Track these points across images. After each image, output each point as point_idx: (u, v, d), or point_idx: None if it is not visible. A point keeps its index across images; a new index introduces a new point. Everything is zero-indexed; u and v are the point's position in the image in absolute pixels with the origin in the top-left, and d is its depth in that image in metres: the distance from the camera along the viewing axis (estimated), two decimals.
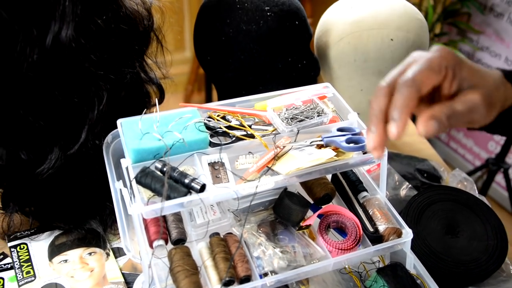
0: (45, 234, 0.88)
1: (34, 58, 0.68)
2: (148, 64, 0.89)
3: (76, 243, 0.87)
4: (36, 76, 0.70)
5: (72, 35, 0.69)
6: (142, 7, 0.83)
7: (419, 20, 1.04)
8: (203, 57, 1.06)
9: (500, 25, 2.28)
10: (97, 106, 0.76)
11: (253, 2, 0.98)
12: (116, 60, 0.77)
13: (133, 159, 0.72)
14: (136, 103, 0.85)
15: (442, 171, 1.08)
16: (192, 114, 0.77)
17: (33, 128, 0.74)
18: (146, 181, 0.68)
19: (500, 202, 2.43)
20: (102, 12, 0.73)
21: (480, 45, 2.38)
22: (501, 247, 0.81)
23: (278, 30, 0.98)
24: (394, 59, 1.02)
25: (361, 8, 1.04)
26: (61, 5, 0.68)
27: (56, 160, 0.76)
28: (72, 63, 0.72)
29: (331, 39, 1.06)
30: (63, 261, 0.84)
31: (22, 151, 0.75)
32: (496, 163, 2.10)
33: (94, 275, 0.82)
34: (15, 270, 0.82)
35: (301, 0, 2.43)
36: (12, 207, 0.83)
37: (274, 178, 0.71)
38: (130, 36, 0.79)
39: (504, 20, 2.27)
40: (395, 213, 0.77)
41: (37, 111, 0.73)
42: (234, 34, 0.98)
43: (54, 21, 0.68)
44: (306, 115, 0.80)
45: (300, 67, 1.03)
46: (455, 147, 2.66)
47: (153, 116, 0.76)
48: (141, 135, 0.73)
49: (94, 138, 0.78)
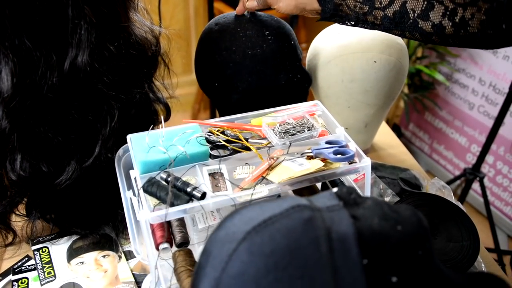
0: (64, 238, 0.88)
1: (54, 81, 0.69)
2: (156, 85, 0.89)
3: (91, 246, 0.87)
4: (55, 97, 0.70)
5: (87, 60, 0.69)
6: (150, 34, 0.83)
7: (399, 45, 1.04)
8: (210, 84, 1.04)
9: (474, 50, 2.28)
10: (109, 123, 0.76)
11: (254, 29, 0.98)
12: (126, 82, 0.77)
13: (140, 170, 0.71)
14: (145, 120, 0.85)
15: (422, 180, 1.07)
16: (194, 130, 0.77)
17: (53, 143, 0.74)
18: (152, 190, 0.67)
19: (477, 208, 2.41)
20: (114, 39, 0.73)
21: (457, 67, 2.38)
22: (474, 247, 0.80)
23: (279, 50, 0.98)
24: (378, 79, 1.02)
25: (348, 34, 1.04)
26: (77, 34, 0.68)
27: (73, 172, 0.76)
28: (87, 85, 0.72)
29: (321, 62, 1.06)
30: (80, 263, 0.84)
31: (43, 164, 0.75)
32: (473, 173, 2.08)
33: (108, 275, 0.82)
34: (37, 270, 0.82)
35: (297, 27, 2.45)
36: (35, 214, 0.83)
37: (268, 187, 0.70)
38: (139, 60, 0.79)
39: None
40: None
41: (56, 128, 0.73)
42: (241, 59, 0.97)
43: (71, 48, 0.69)
44: (298, 130, 0.80)
45: (296, 81, 1.03)
46: (437, 158, 2.64)
47: (159, 132, 0.76)
48: (148, 148, 0.73)
49: (107, 152, 0.78)
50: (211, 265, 0.42)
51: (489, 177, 2.34)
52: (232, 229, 0.43)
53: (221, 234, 0.44)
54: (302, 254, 0.40)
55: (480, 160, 2.03)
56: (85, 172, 0.77)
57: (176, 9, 2.56)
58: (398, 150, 1.26)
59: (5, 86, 0.67)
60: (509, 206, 2.28)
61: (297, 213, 0.43)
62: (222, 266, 0.41)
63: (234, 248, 0.41)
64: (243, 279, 0.40)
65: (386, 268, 0.41)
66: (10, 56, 0.65)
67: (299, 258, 0.40)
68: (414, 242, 0.44)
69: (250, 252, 0.40)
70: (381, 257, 0.41)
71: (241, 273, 0.40)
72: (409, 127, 2.80)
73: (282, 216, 0.43)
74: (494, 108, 2.22)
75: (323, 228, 0.42)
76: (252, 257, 0.40)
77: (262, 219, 0.42)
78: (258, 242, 0.41)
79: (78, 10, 0.67)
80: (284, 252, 0.40)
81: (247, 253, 0.41)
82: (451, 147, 2.54)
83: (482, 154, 2.00)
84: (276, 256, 0.40)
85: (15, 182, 0.75)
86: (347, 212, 0.44)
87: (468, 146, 2.43)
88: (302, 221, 0.42)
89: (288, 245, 0.40)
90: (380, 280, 0.40)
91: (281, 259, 0.40)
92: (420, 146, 2.75)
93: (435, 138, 2.63)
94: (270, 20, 1.01)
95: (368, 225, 0.43)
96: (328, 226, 0.42)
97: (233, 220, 0.44)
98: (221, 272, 0.41)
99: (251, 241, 0.41)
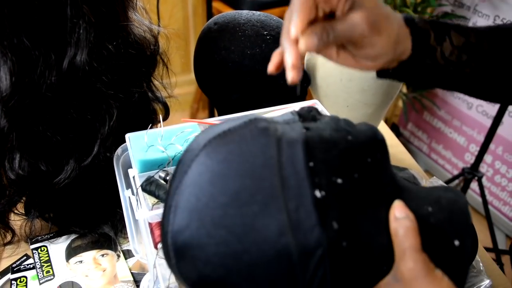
0: (63, 237, 0.88)
1: (52, 80, 0.69)
2: (154, 85, 0.89)
3: (90, 245, 0.87)
4: (54, 96, 0.70)
5: (86, 59, 0.69)
6: (149, 33, 0.83)
7: None
8: (209, 83, 1.04)
9: None
10: (108, 122, 0.76)
11: (253, 29, 0.98)
12: (125, 81, 0.77)
13: (139, 169, 0.71)
14: (143, 119, 0.85)
15: (421, 179, 1.08)
16: (193, 129, 0.77)
17: (51, 143, 0.74)
18: (151, 189, 0.67)
19: (475, 208, 2.42)
20: (113, 38, 0.73)
21: None
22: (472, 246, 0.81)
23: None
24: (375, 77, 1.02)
25: None
26: (76, 33, 0.69)
27: (72, 171, 0.76)
28: (85, 84, 0.72)
29: (319, 61, 1.06)
30: (79, 261, 0.84)
31: (41, 163, 0.75)
32: (471, 172, 2.09)
33: (106, 274, 0.82)
34: (36, 269, 0.82)
35: None
36: (34, 213, 0.83)
37: None
38: (138, 60, 0.79)
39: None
40: None
41: (54, 127, 0.73)
42: (240, 59, 0.97)
43: (70, 47, 0.69)
44: None
45: None
46: (435, 158, 2.65)
47: (158, 131, 0.76)
48: (146, 147, 0.73)
49: (106, 151, 0.78)
50: (177, 173, 0.46)
51: (487, 177, 2.34)
52: (196, 141, 0.48)
53: (188, 147, 0.48)
54: (253, 156, 0.44)
55: (479, 159, 2.04)
56: (84, 171, 0.77)
57: (175, 8, 2.56)
58: (397, 149, 1.26)
59: (3, 85, 0.67)
60: (507, 205, 2.29)
61: (253, 124, 0.46)
62: (185, 170, 0.45)
63: (196, 154, 0.46)
64: (200, 181, 0.44)
65: (331, 171, 0.44)
66: (8, 55, 0.65)
67: (249, 162, 0.44)
68: (363, 150, 0.47)
69: (208, 157, 0.45)
70: (327, 161, 0.44)
71: (199, 174, 0.44)
72: (407, 127, 2.80)
73: (241, 127, 0.46)
74: (493, 108, 2.22)
75: (274, 135, 0.45)
76: (209, 161, 0.44)
77: (222, 130, 0.46)
78: (215, 149, 0.45)
79: (77, 9, 0.67)
80: (237, 156, 0.44)
81: (205, 157, 0.45)
82: (450, 146, 2.55)
83: (480, 153, 2.01)
84: (229, 160, 0.44)
85: (13, 181, 0.75)
86: (301, 124, 0.47)
87: (466, 145, 2.44)
88: (256, 130, 0.46)
89: (241, 149, 0.45)
90: (325, 181, 0.43)
91: (234, 163, 0.44)
92: (418, 146, 2.76)
93: (434, 138, 2.64)
94: (269, 20, 1.01)
95: (318, 134, 0.46)
96: (280, 134, 0.45)
97: (199, 135, 0.49)
98: (183, 175, 0.45)
99: (210, 148, 0.45)
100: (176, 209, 0.45)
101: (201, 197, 0.44)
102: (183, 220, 0.44)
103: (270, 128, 0.46)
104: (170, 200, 0.46)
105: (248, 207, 0.42)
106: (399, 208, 0.46)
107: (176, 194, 0.45)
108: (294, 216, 0.42)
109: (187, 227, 0.44)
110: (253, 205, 0.42)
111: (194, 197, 0.44)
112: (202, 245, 0.43)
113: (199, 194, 0.44)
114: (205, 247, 0.43)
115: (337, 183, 0.43)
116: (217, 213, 0.43)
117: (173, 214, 0.45)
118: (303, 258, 0.42)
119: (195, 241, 0.43)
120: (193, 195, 0.44)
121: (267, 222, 0.42)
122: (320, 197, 0.42)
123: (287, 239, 0.41)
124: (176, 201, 0.45)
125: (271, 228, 0.42)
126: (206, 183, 0.44)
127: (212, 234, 0.43)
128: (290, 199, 0.42)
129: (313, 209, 0.42)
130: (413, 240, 0.44)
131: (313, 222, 0.41)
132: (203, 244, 0.43)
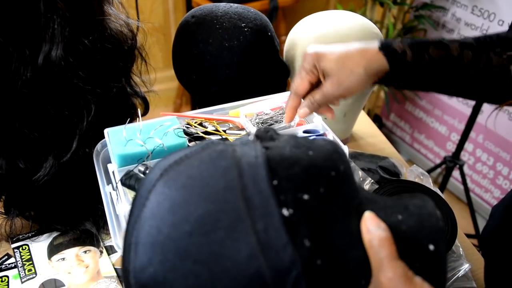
0: (44, 235, 0.87)
1: (28, 76, 0.68)
2: (134, 80, 0.88)
3: (72, 242, 0.86)
4: (29, 92, 0.69)
5: (61, 54, 0.69)
6: (126, 28, 0.83)
7: (375, 34, 1.05)
8: (188, 76, 1.04)
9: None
10: (86, 118, 0.75)
11: (230, 21, 0.98)
12: (102, 76, 0.76)
13: (118, 164, 0.71)
14: (122, 114, 0.84)
15: (401, 167, 1.09)
16: (172, 122, 0.77)
17: (29, 140, 0.73)
18: (131, 183, 0.67)
19: (457, 195, 2.46)
20: (89, 33, 0.73)
21: None
22: (452, 232, 0.82)
23: (256, 42, 0.99)
24: None
25: (324, 24, 1.05)
26: (51, 28, 0.68)
27: (51, 167, 0.76)
28: (62, 80, 0.71)
29: (298, 52, 1.07)
30: (61, 259, 0.83)
31: (19, 161, 0.74)
32: (453, 160, 2.11)
33: (89, 270, 0.82)
34: (18, 268, 0.81)
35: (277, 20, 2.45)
36: (13, 212, 0.82)
37: None
38: (115, 54, 0.79)
39: (455, 34, 2.30)
40: None
41: (31, 124, 0.72)
42: (218, 52, 0.97)
43: (44, 43, 0.68)
44: (275, 120, 0.80)
45: (274, 72, 1.03)
46: (418, 147, 2.68)
47: (136, 125, 0.76)
48: (125, 142, 0.73)
49: (85, 146, 0.77)
50: (135, 207, 0.45)
51: (468, 165, 2.38)
52: (152, 172, 0.46)
53: (143, 180, 0.47)
54: (214, 180, 0.42)
55: (460, 148, 2.06)
56: (63, 167, 0.76)
57: (155, 3, 2.54)
58: (378, 139, 1.27)
59: None
60: (488, 192, 2.33)
61: (211, 148, 0.45)
62: (143, 202, 0.43)
63: (153, 184, 0.44)
64: (160, 211, 0.42)
65: (296, 187, 0.43)
66: None
67: (210, 185, 0.42)
68: (326, 164, 0.45)
69: (166, 185, 0.43)
70: (290, 177, 0.43)
71: (157, 205, 0.42)
72: (390, 118, 2.83)
73: (198, 152, 0.45)
74: None
75: (234, 157, 0.44)
76: (168, 189, 0.43)
77: (178, 157, 0.45)
78: (173, 177, 0.43)
79: (51, 4, 0.66)
80: (197, 180, 0.42)
81: (163, 186, 0.43)
82: (432, 136, 2.57)
83: (461, 142, 2.04)
84: (189, 185, 0.42)
85: None
86: (260, 144, 0.47)
87: (448, 134, 2.47)
88: (215, 153, 0.45)
89: (200, 174, 0.43)
90: (292, 199, 0.42)
91: (194, 188, 0.42)
92: (401, 136, 2.79)
93: (416, 128, 2.66)
94: (246, 12, 1.01)
95: (278, 152, 0.45)
96: (239, 155, 0.44)
97: (154, 166, 0.47)
98: (142, 208, 0.43)
99: (167, 176, 0.43)
100: (136, 246, 0.42)
101: (163, 229, 0.41)
102: (145, 256, 0.42)
103: (228, 150, 0.45)
104: (129, 237, 0.43)
105: (214, 233, 0.40)
106: (370, 219, 0.45)
107: (135, 230, 0.43)
108: (264, 237, 0.40)
109: (149, 264, 0.41)
110: (219, 230, 0.40)
111: (155, 229, 0.41)
112: (168, 280, 0.41)
113: (160, 226, 0.41)
114: (172, 282, 0.41)
115: (304, 199, 0.42)
116: (181, 244, 0.40)
117: (133, 252, 0.42)
118: (277, 279, 0.40)
119: (159, 277, 0.41)
120: (154, 228, 0.42)
121: (235, 246, 0.40)
122: (287, 215, 0.41)
123: (259, 262, 0.40)
124: (136, 237, 0.42)
125: (240, 253, 0.40)
126: (166, 212, 0.41)
127: (178, 267, 0.40)
128: (257, 220, 0.40)
129: (283, 227, 0.40)
130: (388, 249, 0.44)
131: (284, 241, 0.40)
132: (170, 279, 0.41)
